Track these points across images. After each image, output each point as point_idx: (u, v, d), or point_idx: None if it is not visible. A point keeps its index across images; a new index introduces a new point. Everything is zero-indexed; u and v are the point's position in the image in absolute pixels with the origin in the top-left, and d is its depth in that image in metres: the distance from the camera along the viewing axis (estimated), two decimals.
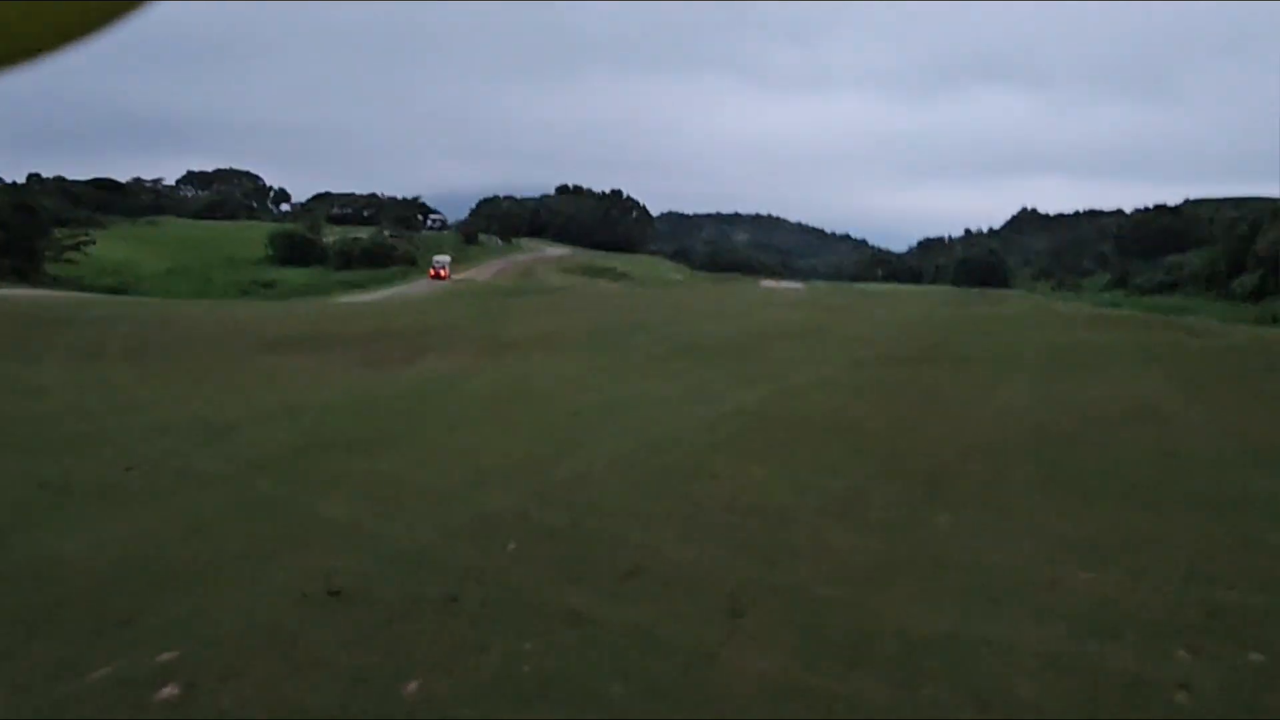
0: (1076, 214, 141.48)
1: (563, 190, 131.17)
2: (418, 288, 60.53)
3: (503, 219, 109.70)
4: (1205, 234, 75.14)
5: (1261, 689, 4.61)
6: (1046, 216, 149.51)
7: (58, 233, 57.68)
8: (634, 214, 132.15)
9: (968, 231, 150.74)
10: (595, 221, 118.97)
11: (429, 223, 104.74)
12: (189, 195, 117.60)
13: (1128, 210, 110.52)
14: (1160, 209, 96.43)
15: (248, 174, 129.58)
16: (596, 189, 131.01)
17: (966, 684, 4.62)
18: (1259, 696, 4.53)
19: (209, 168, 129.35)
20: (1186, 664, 4.88)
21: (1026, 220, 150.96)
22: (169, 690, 4.40)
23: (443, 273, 69.20)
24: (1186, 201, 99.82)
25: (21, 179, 75.75)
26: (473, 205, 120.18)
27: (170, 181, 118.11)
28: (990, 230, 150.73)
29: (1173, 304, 52.23)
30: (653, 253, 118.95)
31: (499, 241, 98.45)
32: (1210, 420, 12.71)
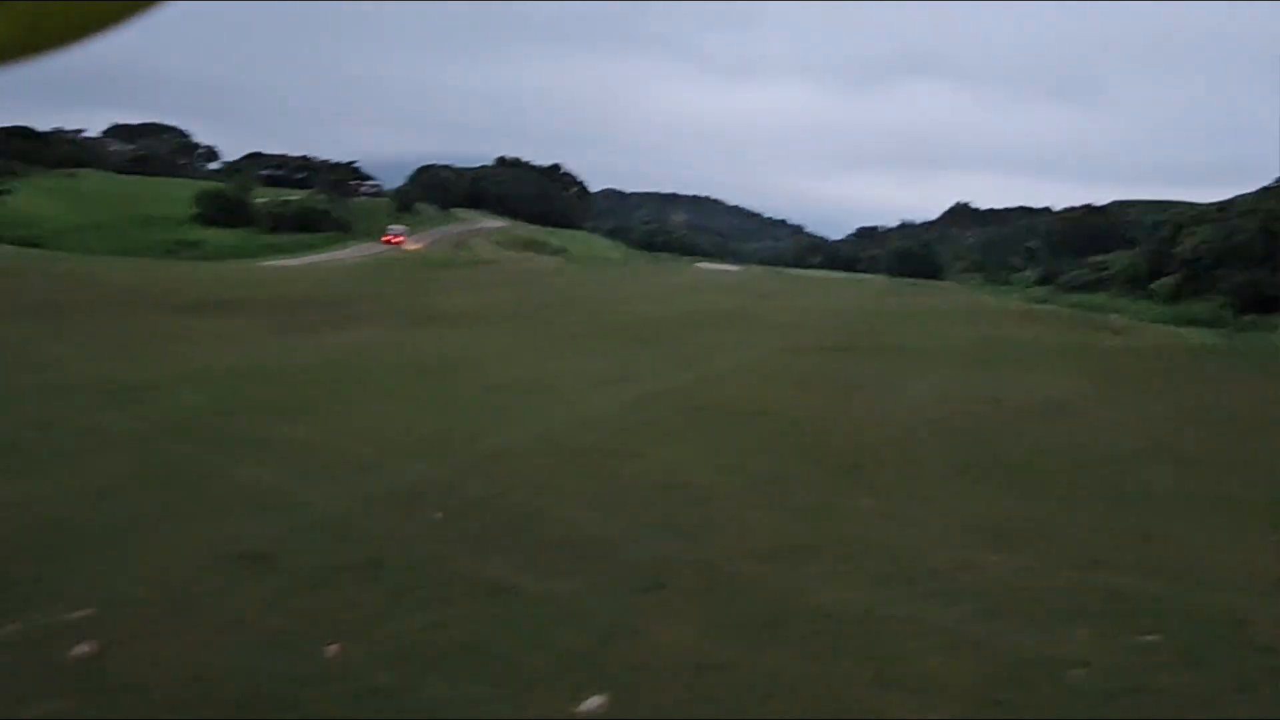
0: (1009, 210, 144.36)
1: (503, 162, 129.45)
2: (349, 254, 59.36)
3: (441, 188, 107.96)
4: (1130, 235, 77.37)
5: (1155, 667, 4.84)
6: (980, 211, 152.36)
7: None
8: (573, 189, 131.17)
9: (903, 222, 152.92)
10: (534, 195, 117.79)
11: (364, 188, 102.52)
12: (113, 148, 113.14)
13: (1057, 208, 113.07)
14: (1088, 209, 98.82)
15: (176, 129, 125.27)
16: (537, 162, 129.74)
17: (876, 659, 4.77)
18: (1153, 674, 4.75)
19: (135, 121, 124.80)
20: (1085, 643, 5.10)
21: (960, 214, 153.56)
22: (83, 648, 4.32)
23: (397, 240, 68.79)
24: (1113, 203, 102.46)
25: None
26: (410, 173, 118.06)
27: (94, 133, 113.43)
28: (925, 222, 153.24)
29: (1096, 302, 53.68)
30: (590, 229, 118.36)
31: (436, 210, 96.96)
32: (1119, 417, 13.18)
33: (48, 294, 21.71)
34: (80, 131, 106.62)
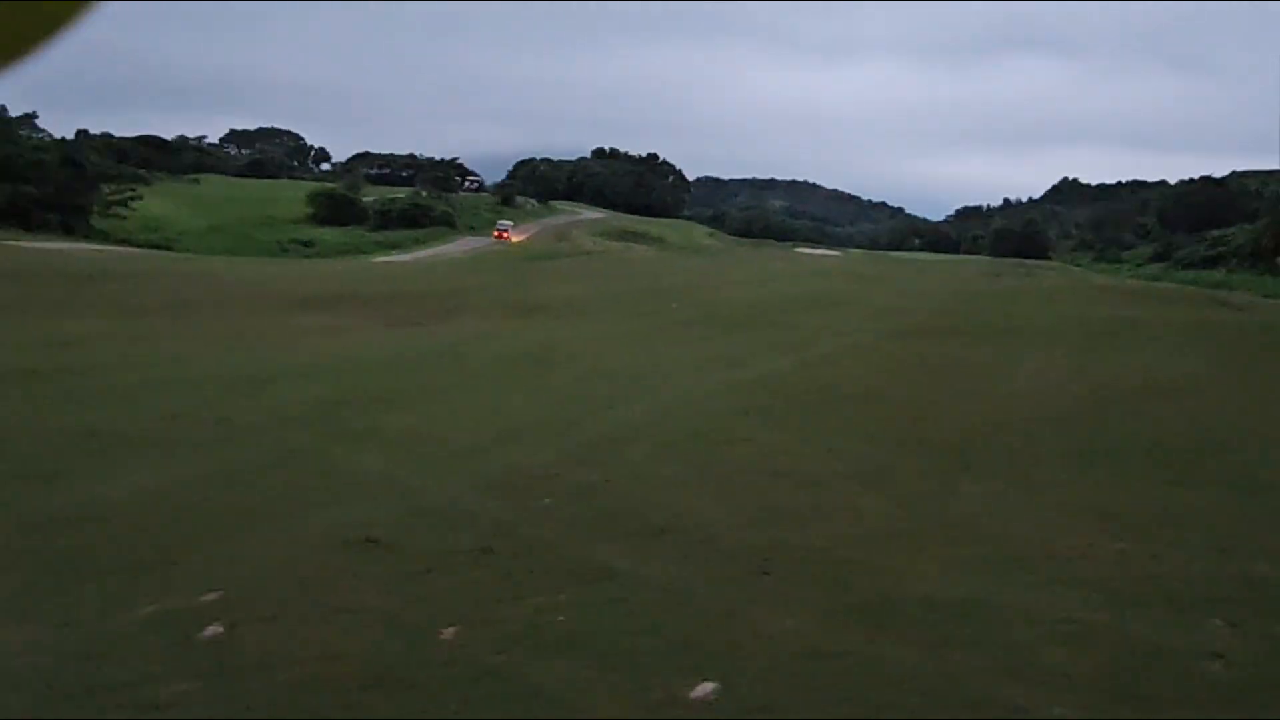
0: (1119, 185, 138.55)
1: (599, 154, 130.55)
2: (454, 249, 60.79)
3: (539, 181, 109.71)
4: (1252, 207, 73.37)
5: None
6: (1088, 187, 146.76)
7: (105, 188, 58.42)
8: (670, 178, 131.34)
9: (1006, 201, 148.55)
10: (631, 185, 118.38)
11: (466, 184, 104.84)
12: (231, 153, 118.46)
13: (1172, 182, 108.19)
14: (1205, 181, 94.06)
15: (289, 133, 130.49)
16: (633, 153, 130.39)
17: (993, 649, 4.63)
18: None
19: (251, 126, 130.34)
20: (1221, 635, 4.84)
21: (1067, 190, 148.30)
22: (213, 629, 4.54)
23: (505, 235, 70.88)
24: (1233, 174, 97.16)
25: (71, 135, 76.91)
26: (510, 167, 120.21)
27: (213, 139, 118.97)
28: (1030, 200, 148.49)
29: (1216, 278, 51.15)
30: (688, 218, 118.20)
31: (535, 204, 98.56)
32: (1243, 398, 12.53)
33: (176, 293, 22.81)
34: (202, 138, 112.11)
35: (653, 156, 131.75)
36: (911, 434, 9.62)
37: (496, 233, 71.89)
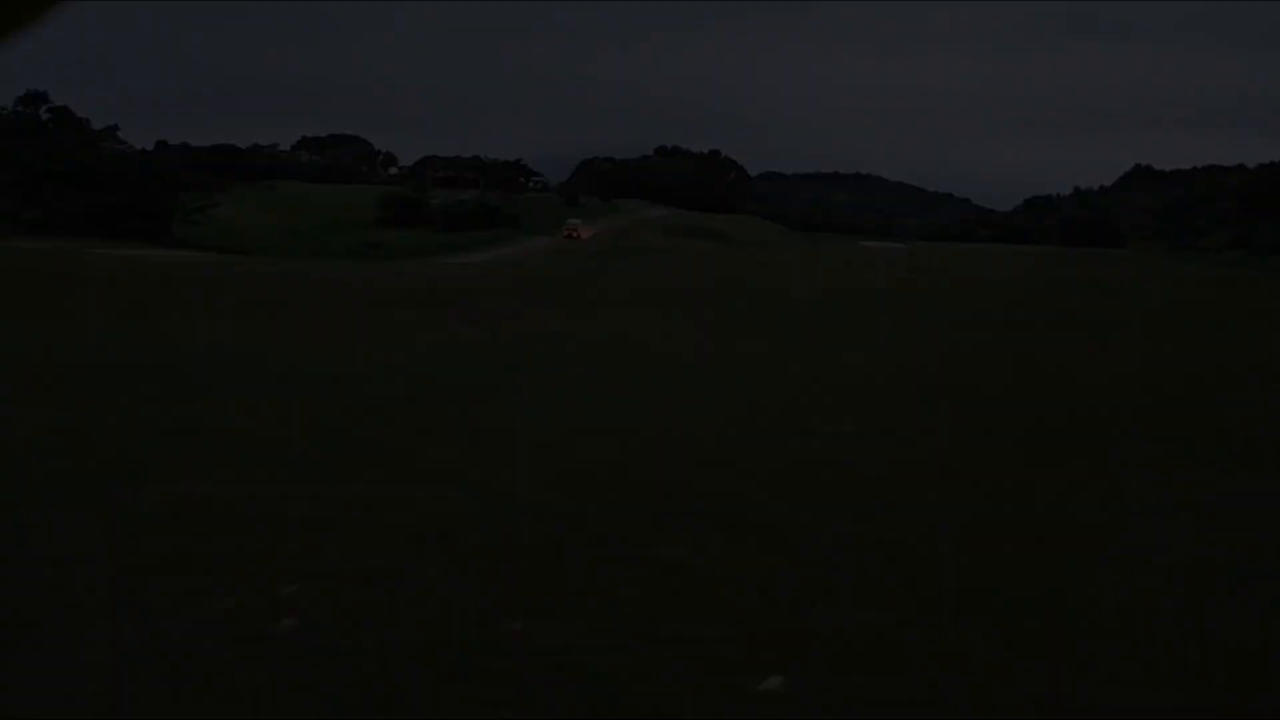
0: (1194, 170, 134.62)
1: (661, 151, 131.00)
2: (520, 248, 61.42)
3: (603, 180, 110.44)
4: None
5: None
6: (1161, 173, 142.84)
7: (184, 196, 60.30)
8: (732, 175, 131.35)
9: (1077, 190, 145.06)
10: (694, 182, 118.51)
11: (531, 184, 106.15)
12: (303, 160, 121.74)
13: (1251, 166, 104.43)
14: None
15: (358, 139, 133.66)
16: (695, 150, 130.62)
17: (1077, 644, 4.51)
18: None
19: (322, 133, 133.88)
20: None
21: (1140, 177, 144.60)
22: (289, 621, 4.65)
23: (575, 234, 71.05)
24: None
25: (150, 146, 79.70)
26: (573, 167, 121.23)
27: (286, 147, 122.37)
28: (1101, 188, 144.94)
29: None
30: (751, 213, 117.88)
31: (599, 203, 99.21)
32: None
33: (257, 295, 23.42)
34: (275, 146, 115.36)
35: (715, 153, 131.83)
36: (986, 425, 9.44)
37: (567, 231, 71.84)
